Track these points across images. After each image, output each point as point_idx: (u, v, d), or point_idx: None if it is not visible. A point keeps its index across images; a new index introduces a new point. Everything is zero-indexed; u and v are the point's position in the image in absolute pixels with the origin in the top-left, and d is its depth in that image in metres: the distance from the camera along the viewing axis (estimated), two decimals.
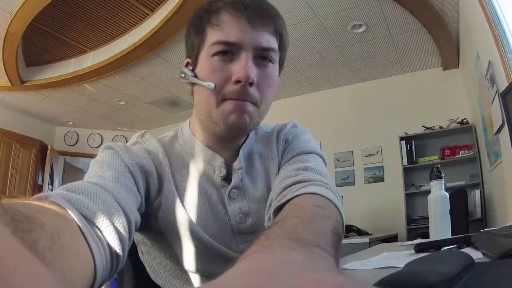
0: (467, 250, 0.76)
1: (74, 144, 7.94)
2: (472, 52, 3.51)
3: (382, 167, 5.16)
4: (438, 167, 1.39)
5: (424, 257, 0.44)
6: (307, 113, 5.48)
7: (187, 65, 0.80)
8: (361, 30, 4.23)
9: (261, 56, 0.71)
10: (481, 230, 1.53)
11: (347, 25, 4.16)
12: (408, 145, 4.66)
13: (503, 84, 2.48)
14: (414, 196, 4.66)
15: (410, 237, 4.31)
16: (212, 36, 0.70)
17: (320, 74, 5.34)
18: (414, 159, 4.61)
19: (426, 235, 1.43)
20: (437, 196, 1.37)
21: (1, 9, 3.90)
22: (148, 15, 4.31)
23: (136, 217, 0.60)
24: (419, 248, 0.87)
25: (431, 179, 1.39)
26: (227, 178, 0.80)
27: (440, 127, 4.60)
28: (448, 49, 4.47)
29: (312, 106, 5.49)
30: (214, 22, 0.70)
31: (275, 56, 0.74)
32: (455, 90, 4.76)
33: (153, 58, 4.86)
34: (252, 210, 0.79)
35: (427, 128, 4.68)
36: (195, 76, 0.75)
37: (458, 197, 3.58)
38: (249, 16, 0.69)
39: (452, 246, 0.85)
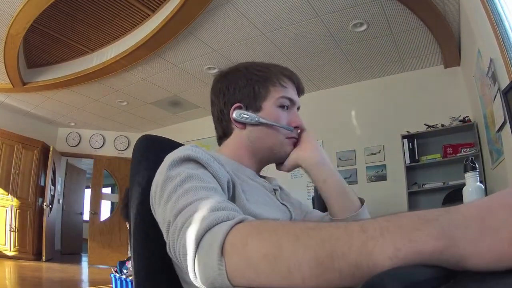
0: None
1: (76, 145, 7.95)
2: (474, 49, 3.50)
3: (384, 165, 5.15)
4: (472, 158, 1.38)
5: None
6: (309, 112, 5.44)
7: (238, 108, 0.97)
8: (362, 28, 4.23)
9: None
10: None
11: (349, 24, 4.16)
12: (411, 144, 4.65)
13: (504, 82, 2.47)
14: (417, 195, 4.65)
15: None
16: (279, 93, 0.96)
17: (322, 73, 5.34)
18: (417, 158, 4.60)
19: None
20: (473, 189, 1.35)
21: (2, 11, 3.91)
22: (149, 15, 4.31)
23: None
24: None
25: (465, 171, 1.37)
26: None
27: (442, 125, 4.60)
28: (450, 47, 4.46)
29: (314, 105, 5.48)
30: (282, 84, 0.97)
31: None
32: (456, 88, 4.75)
33: (154, 58, 4.87)
34: (294, 211, 1.00)
35: (429, 127, 4.67)
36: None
37: (461, 196, 3.58)
38: (298, 88, 1.03)
39: None
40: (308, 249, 0.44)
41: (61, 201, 8.50)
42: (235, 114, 0.95)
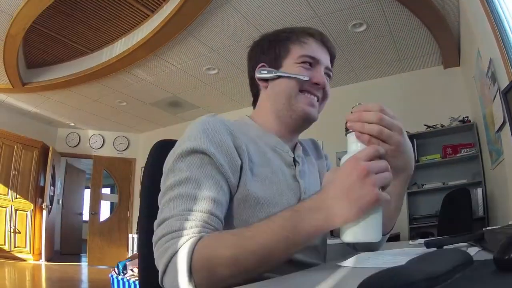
0: (475, 249, 0.76)
1: (75, 146, 7.95)
2: (473, 50, 3.50)
3: None
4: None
5: (419, 256, 0.45)
6: None
7: (262, 67, 1.01)
8: (361, 29, 4.23)
9: (325, 73, 1.03)
10: (483, 229, 1.52)
11: (348, 24, 4.16)
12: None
13: (504, 82, 2.47)
14: (416, 195, 4.65)
15: (412, 236, 4.30)
16: (300, 50, 0.98)
17: None
18: (416, 158, 4.60)
19: (426, 235, 1.41)
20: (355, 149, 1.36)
21: (2, 11, 3.91)
22: (148, 16, 4.31)
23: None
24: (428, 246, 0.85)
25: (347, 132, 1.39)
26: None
27: (442, 126, 4.59)
28: (449, 47, 4.46)
29: None
30: (303, 40, 0.99)
31: (331, 75, 1.06)
32: (456, 88, 4.75)
33: (154, 59, 4.87)
34: (311, 189, 0.98)
35: (428, 127, 4.67)
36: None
37: (461, 196, 3.57)
38: (326, 46, 1.04)
39: (463, 244, 0.84)
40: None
41: (60, 202, 8.50)
42: (257, 73, 1.01)
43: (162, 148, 0.97)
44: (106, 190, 11.47)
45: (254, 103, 1.09)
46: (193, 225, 0.71)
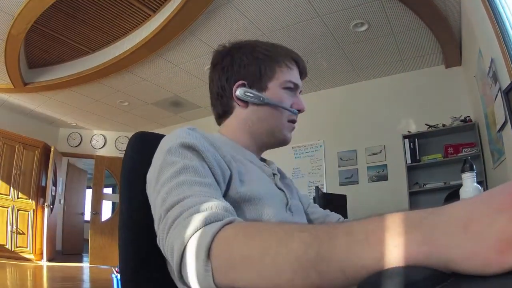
0: None
1: (77, 146, 7.96)
2: (475, 49, 3.50)
3: (385, 165, 5.15)
4: (469, 158, 1.36)
5: None
6: (310, 112, 5.43)
7: (242, 85, 0.94)
8: (363, 28, 4.23)
9: None
10: None
11: (349, 24, 4.16)
12: (412, 144, 4.65)
13: (505, 81, 2.47)
14: (418, 195, 4.65)
15: None
16: (285, 75, 0.96)
17: (323, 73, 5.34)
18: (418, 158, 4.60)
19: None
20: (470, 189, 1.34)
21: (3, 11, 3.92)
22: (150, 16, 4.32)
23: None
24: None
25: (463, 171, 1.35)
26: None
27: (443, 125, 4.59)
28: (450, 47, 4.46)
29: (315, 105, 5.47)
30: (289, 65, 0.97)
31: None
32: (457, 88, 4.74)
33: (156, 59, 4.87)
34: (293, 200, 0.97)
35: (430, 126, 4.67)
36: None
37: (459, 197, 3.57)
38: (302, 72, 1.02)
39: None
40: (290, 252, 0.44)
41: (62, 201, 8.51)
42: (238, 92, 0.93)
43: (142, 140, 0.95)
44: (108, 190, 11.51)
45: (220, 118, 1.02)
46: (218, 203, 0.62)
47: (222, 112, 1.00)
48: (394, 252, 0.36)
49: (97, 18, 4.33)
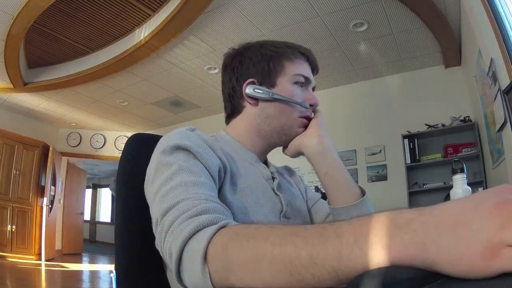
0: None
1: (77, 145, 7.96)
2: (474, 49, 3.50)
3: (385, 165, 5.15)
4: (460, 160, 1.37)
5: None
6: None
7: (251, 83, 0.94)
8: (363, 28, 4.23)
9: None
10: None
11: (349, 24, 4.16)
12: (411, 144, 4.65)
13: (505, 82, 2.47)
14: (417, 195, 4.65)
15: None
16: (294, 69, 0.94)
17: (322, 73, 5.33)
18: (417, 158, 4.60)
19: None
20: (460, 191, 1.36)
21: (3, 11, 3.92)
22: (149, 15, 4.32)
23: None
24: None
25: (453, 173, 1.36)
26: None
27: (443, 125, 4.59)
28: (450, 47, 4.46)
29: None
30: (298, 59, 0.95)
31: None
32: (457, 88, 4.74)
33: (155, 58, 4.87)
34: (292, 203, 0.96)
35: (429, 126, 4.67)
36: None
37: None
38: (315, 67, 1.02)
39: None
40: (284, 256, 0.45)
41: (61, 201, 8.50)
42: (248, 89, 0.93)
43: (138, 142, 0.94)
44: (106, 190, 11.52)
45: (229, 118, 1.01)
46: (213, 205, 0.64)
47: (231, 112, 1.00)
48: (382, 253, 0.37)
49: (97, 18, 4.32)
